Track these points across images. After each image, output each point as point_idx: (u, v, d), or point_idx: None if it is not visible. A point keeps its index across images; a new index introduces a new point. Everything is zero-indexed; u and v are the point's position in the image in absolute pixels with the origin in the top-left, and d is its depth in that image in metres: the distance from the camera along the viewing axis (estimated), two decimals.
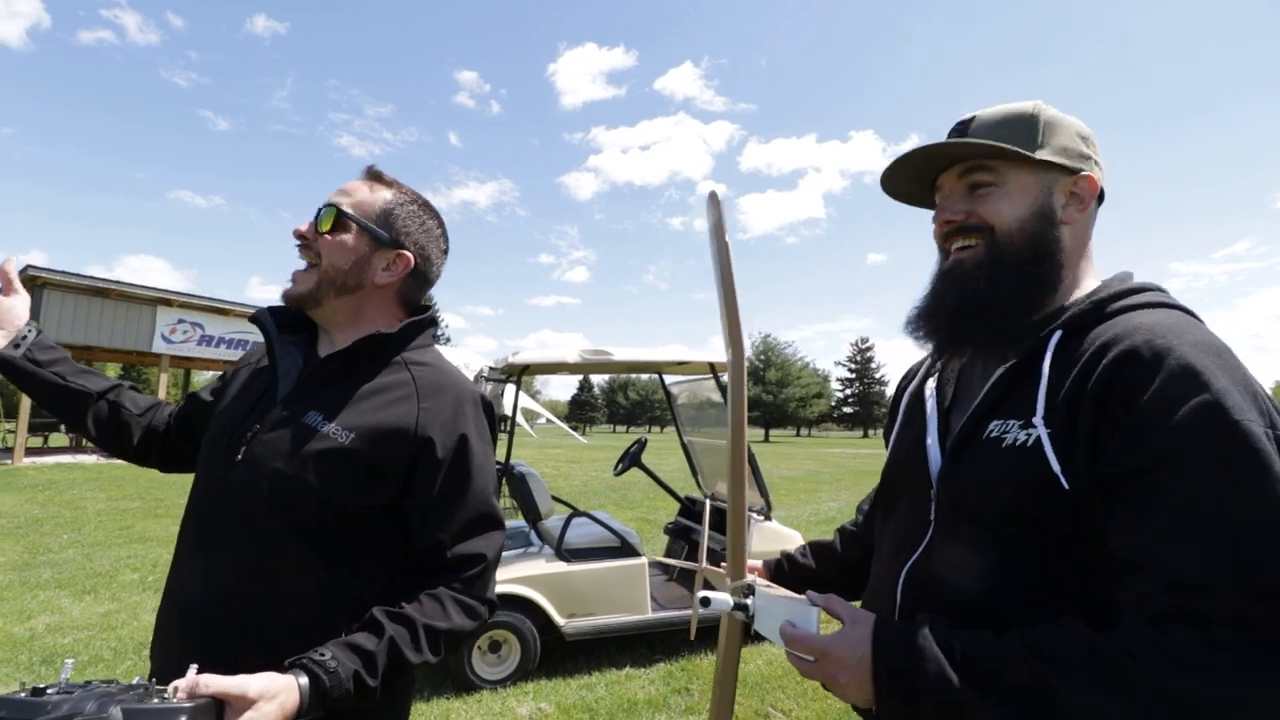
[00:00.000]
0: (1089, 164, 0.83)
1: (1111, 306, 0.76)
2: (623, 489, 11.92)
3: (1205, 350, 0.66)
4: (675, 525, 4.89)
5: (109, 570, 5.56)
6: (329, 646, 0.89)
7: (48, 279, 13.58)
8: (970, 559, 0.77)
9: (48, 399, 1.12)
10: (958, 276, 0.84)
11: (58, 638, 4.00)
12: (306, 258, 1.08)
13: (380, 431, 0.99)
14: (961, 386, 0.91)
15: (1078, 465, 0.68)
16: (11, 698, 0.69)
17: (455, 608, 0.99)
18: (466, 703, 3.25)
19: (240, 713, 0.76)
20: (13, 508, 8.35)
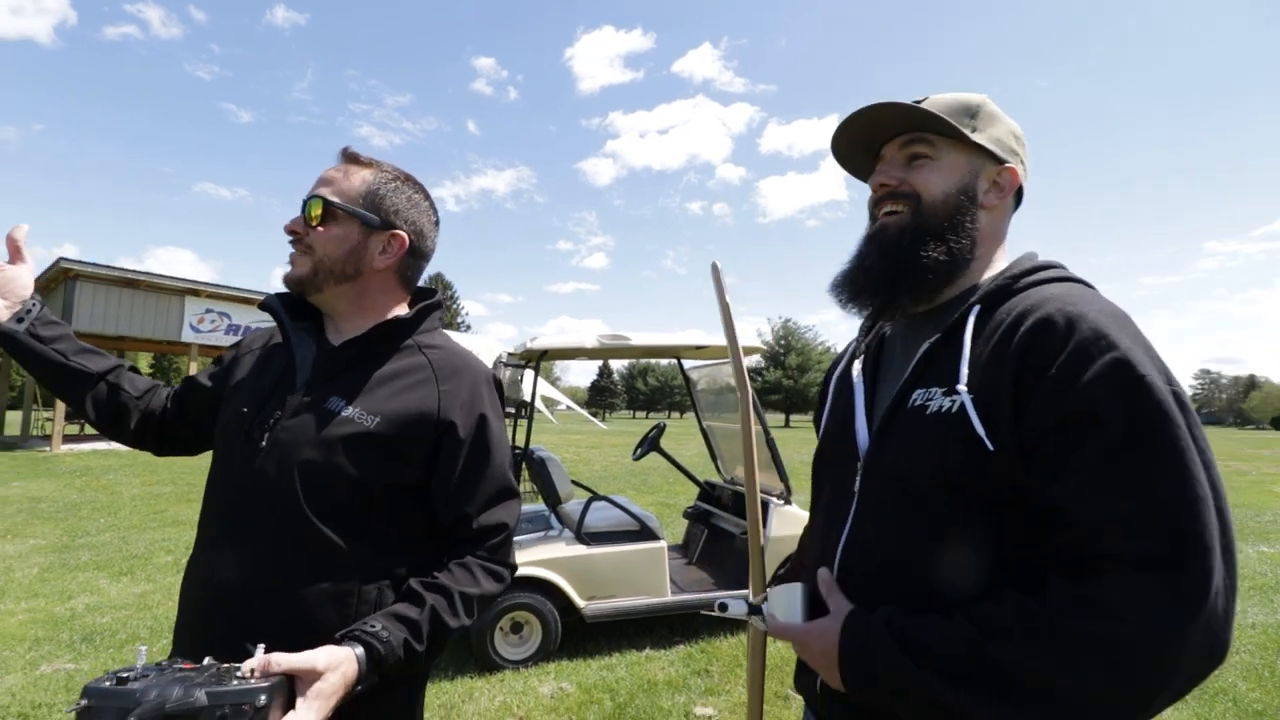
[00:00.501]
0: (1015, 160, 0.90)
1: (1022, 281, 0.82)
2: (642, 474, 11.98)
3: (1110, 316, 0.72)
4: (695, 510, 4.91)
5: (144, 552, 5.73)
6: (376, 618, 0.93)
7: (80, 271, 13.91)
8: (899, 528, 0.81)
9: (48, 377, 1.10)
10: (883, 240, 0.89)
11: (97, 617, 4.14)
12: (299, 250, 1.08)
13: (404, 415, 1.03)
14: (886, 365, 0.96)
15: (1000, 427, 0.72)
16: (99, 687, 0.71)
17: (484, 574, 1.05)
18: (490, 682, 3.31)
19: (310, 685, 0.81)
20: (52, 493, 8.63)
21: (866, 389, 0.94)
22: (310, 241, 1.06)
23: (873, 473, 0.86)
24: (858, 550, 0.86)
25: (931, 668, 0.70)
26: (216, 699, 0.71)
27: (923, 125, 0.88)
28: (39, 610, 4.23)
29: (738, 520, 4.32)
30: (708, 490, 4.94)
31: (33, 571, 5.05)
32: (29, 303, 1.09)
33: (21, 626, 3.93)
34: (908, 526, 0.80)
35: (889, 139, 0.92)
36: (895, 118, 0.89)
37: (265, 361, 1.14)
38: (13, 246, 1.09)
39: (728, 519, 4.46)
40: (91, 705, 0.70)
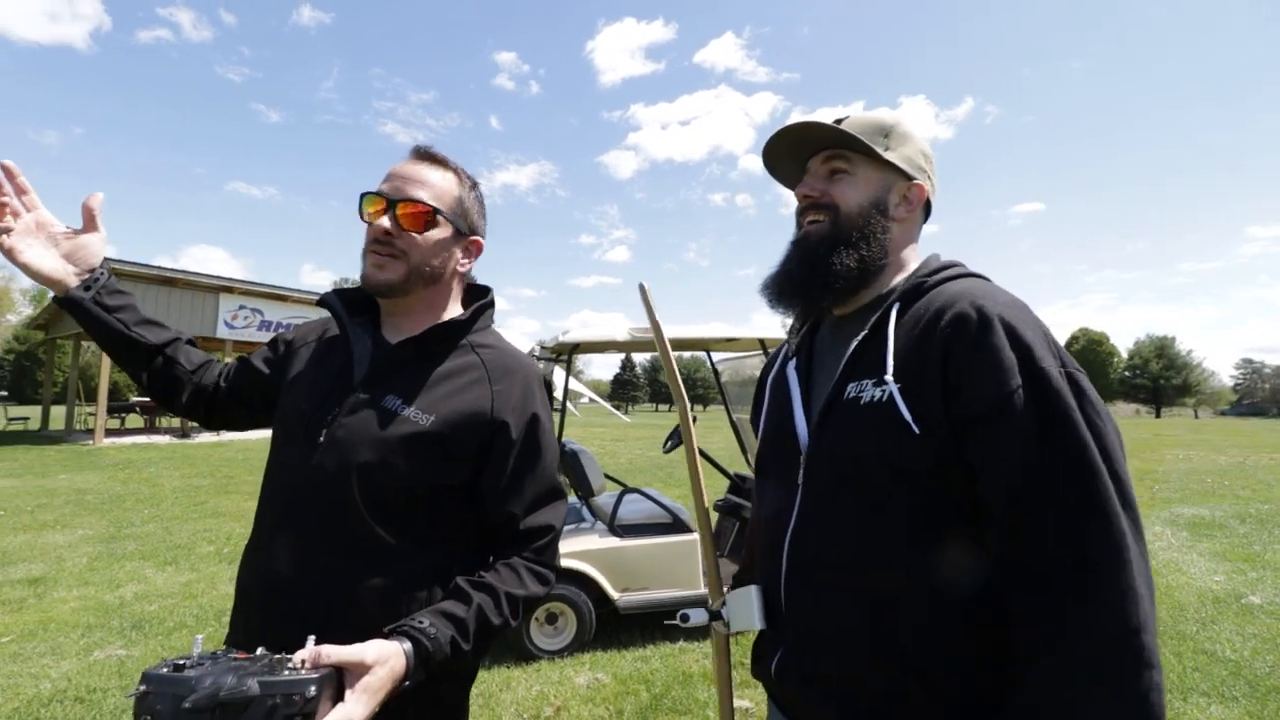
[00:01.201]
0: (924, 176, 0.99)
1: (931, 279, 0.92)
2: (669, 466, 11.99)
3: (1012, 308, 0.81)
4: (724, 502, 4.89)
5: (187, 543, 5.89)
6: (424, 615, 0.93)
7: (120, 270, 14.28)
8: (845, 514, 0.87)
9: (108, 344, 1.13)
10: (805, 246, 0.98)
11: (145, 605, 4.27)
12: (387, 253, 1.06)
13: (459, 415, 1.04)
14: (818, 363, 1.02)
15: (927, 412, 0.80)
16: (156, 673, 0.74)
17: (529, 575, 1.05)
18: (526, 671, 3.35)
19: (359, 678, 0.81)
20: (97, 485, 8.92)
21: (801, 387, 1.01)
22: (404, 246, 1.06)
23: (815, 464, 0.91)
24: (806, 541, 0.90)
25: None
26: (268, 688, 0.73)
27: (841, 143, 0.97)
28: (90, 598, 4.38)
29: None
30: (738, 483, 4.92)
31: (82, 561, 5.23)
32: (98, 271, 1.11)
33: (74, 614, 4.07)
34: (852, 512, 0.86)
35: (814, 153, 1.01)
36: (820, 135, 0.99)
37: (322, 356, 1.15)
38: (87, 214, 1.11)
39: None
40: (149, 691, 0.73)
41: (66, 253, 1.09)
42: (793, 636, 0.91)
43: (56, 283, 1.07)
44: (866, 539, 0.84)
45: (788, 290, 1.00)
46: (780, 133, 1.01)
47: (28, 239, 1.06)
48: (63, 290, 1.08)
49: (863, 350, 0.90)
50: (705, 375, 78.43)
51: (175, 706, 0.71)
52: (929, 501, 0.81)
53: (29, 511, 7.07)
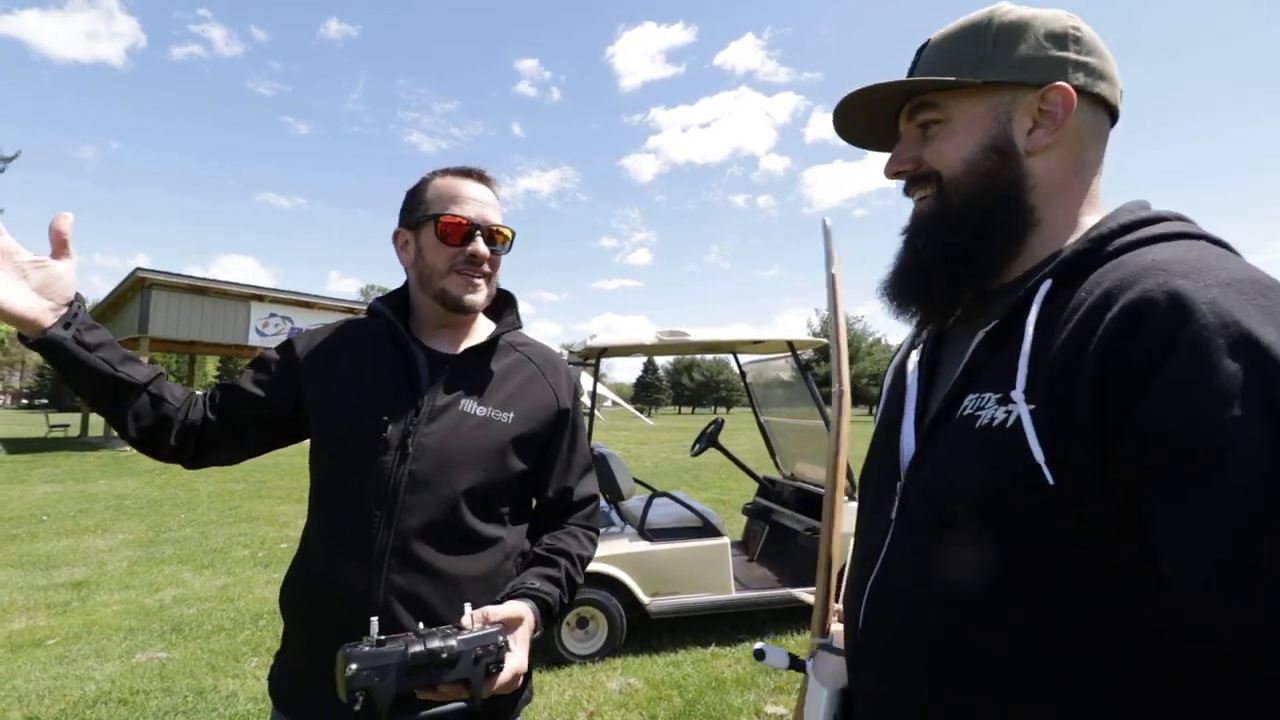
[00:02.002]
0: (1064, 70, 0.66)
1: (1115, 243, 0.60)
2: (695, 470, 11.94)
3: (1245, 291, 0.49)
4: (754, 506, 4.86)
5: (223, 547, 6.00)
6: (534, 578, 1.06)
7: (155, 280, 14.68)
8: (931, 572, 0.64)
9: (89, 388, 0.99)
10: (913, 236, 0.75)
11: (184, 608, 4.36)
12: (482, 277, 1.13)
13: (534, 409, 1.16)
14: (944, 359, 0.77)
15: (1070, 455, 0.53)
16: (360, 650, 0.80)
17: (586, 538, 1.20)
18: (558, 675, 3.35)
19: (515, 629, 0.95)
20: (135, 490, 9.14)
21: (920, 390, 0.77)
22: (491, 269, 1.15)
23: (909, 497, 0.69)
24: (885, 596, 0.69)
25: None
26: (467, 643, 0.85)
27: (918, 90, 0.71)
28: (131, 601, 4.48)
29: (799, 516, 4.25)
30: (767, 486, 4.88)
31: (123, 565, 5.35)
32: (75, 305, 0.97)
33: (116, 617, 4.17)
34: (941, 571, 0.63)
35: (896, 112, 0.76)
36: (873, 95, 0.73)
37: (367, 366, 1.12)
38: (57, 239, 0.95)
39: (789, 515, 4.40)
40: (360, 668, 0.79)
41: (38, 285, 0.93)
42: (862, 712, 0.76)
43: (30, 322, 0.92)
44: (951, 606, 0.62)
45: (904, 294, 0.76)
46: (844, 104, 0.75)
47: None
48: (37, 330, 0.93)
49: (990, 348, 0.65)
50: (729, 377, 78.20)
51: (391, 675, 0.79)
52: (1046, 574, 0.56)
53: (71, 516, 7.27)
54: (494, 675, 0.87)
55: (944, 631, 0.62)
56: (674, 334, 4.03)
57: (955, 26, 0.71)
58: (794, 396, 4.79)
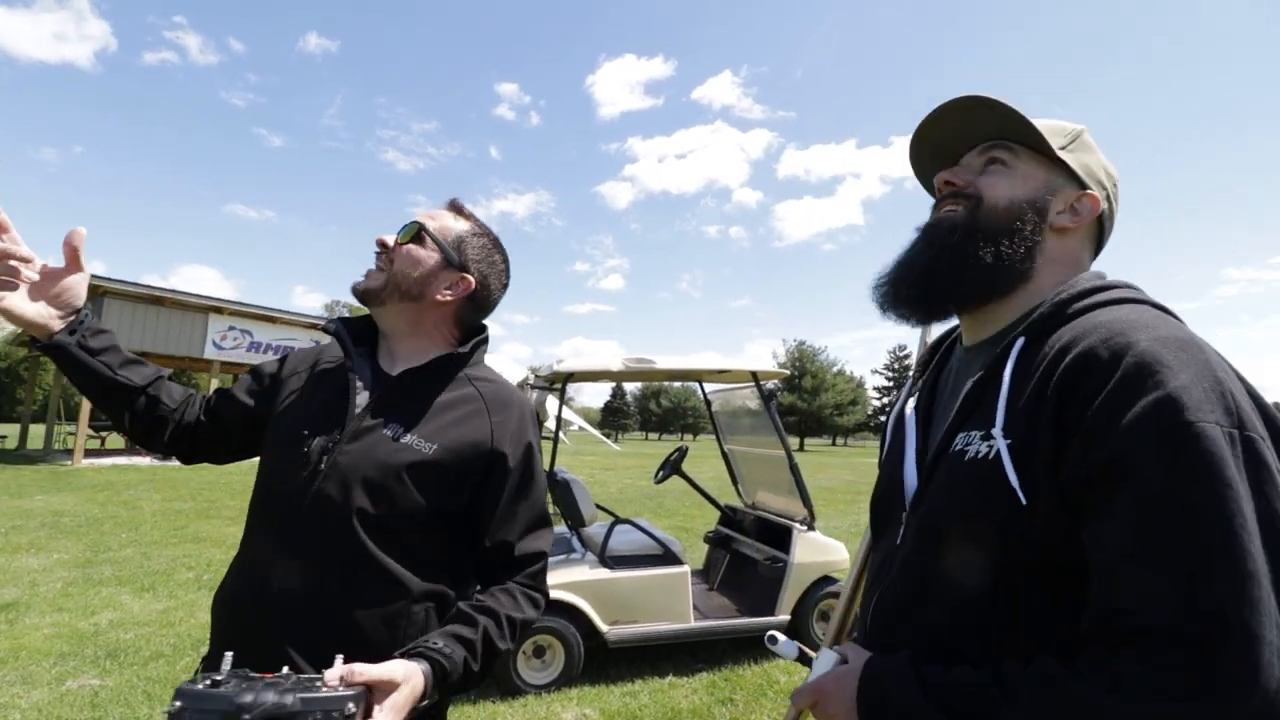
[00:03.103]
0: (1100, 191, 0.83)
1: (1074, 306, 0.74)
2: (659, 496, 11.91)
3: (1167, 345, 0.62)
4: (716, 534, 4.87)
5: (166, 569, 5.76)
6: (438, 636, 0.97)
7: (108, 288, 14.21)
8: (933, 589, 0.74)
9: (92, 389, 1.09)
10: (932, 231, 0.85)
11: (121, 633, 4.16)
12: (380, 264, 1.14)
13: (460, 444, 1.08)
14: (939, 404, 0.89)
15: (1037, 478, 0.65)
16: (193, 688, 0.74)
17: (525, 600, 1.10)
18: (512, 706, 3.28)
19: (387, 695, 0.85)
20: (74, 507, 8.72)
21: (919, 431, 0.88)
22: (393, 257, 1.14)
23: (912, 525, 0.80)
24: (889, 613, 0.80)
25: (948, 714, 0.64)
26: (309, 704, 0.75)
27: (1011, 132, 0.84)
28: (63, 625, 4.25)
29: (760, 546, 4.29)
30: (729, 515, 4.91)
31: (56, 586, 5.09)
32: (82, 313, 1.08)
33: (47, 641, 3.95)
34: (942, 588, 0.73)
35: (971, 146, 0.88)
36: (988, 119, 0.85)
37: (319, 384, 1.17)
38: (70, 252, 1.04)
39: (750, 544, 4.42)
40: (185, 708, 0.73)
41: (49, 294, 1.03)
42: None
43: (39, 327, 1.02)
44: (955, 621, 0.71)
45: (904, 279, 0.85)
46: (943, 109, 0.86)
47: (6, 281, 1.00)
48: (46, 335, 1.03)
49: (978, 394, 0.76)
50: (696, 404, 78.44)
51: (217, 718, 0.72)
52: (1033, 587, 0.66)
53: (2, 534, 6.88)
54: None
55: (942, 630, 0.73)
56: (640, 361, 4.07)
57: (1054, 121, 0.86)
58: (758, 426, 4.86)
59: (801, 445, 57.21)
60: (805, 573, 3.93)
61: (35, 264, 1.03)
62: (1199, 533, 0.55)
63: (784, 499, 4.43)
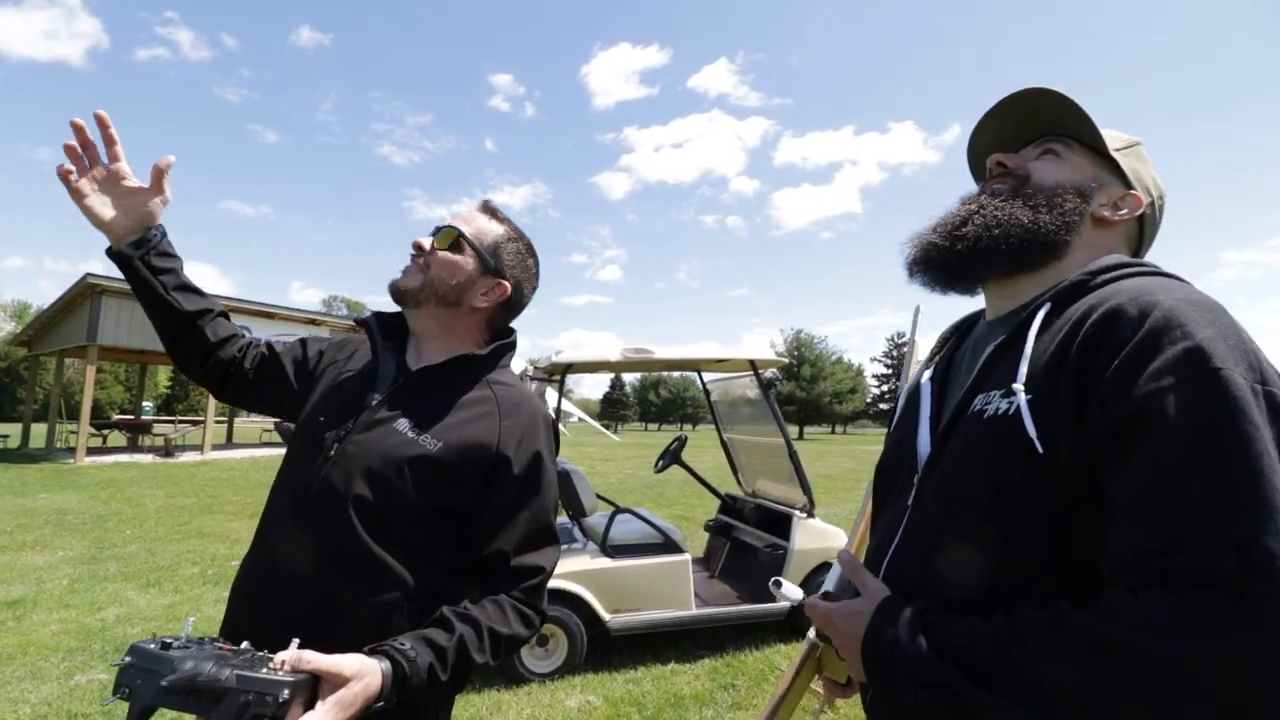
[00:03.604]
0: (1146, 197, 0.87)
1: (1099, 278, 0.76)
2: (659, 486, 11.96)
3: (1194, 304, 0.64)
4: (716, 523, 4.91)
5: (171, 564, 5.80)
6: (406, 638, 0.94)
7: (106, 287, 14.17)
8: (948, 544, 0.76)
9: (145, 302, 1.19)
10: (975, 200, 0.87)
11: (128, 628, 4.20)
12: (415, 265, 1.16)
13: (465, 444, 1.07)
14: (955, 373, 0.91)
15: (1057, 428, 0.66)
16: (143, 647, 0.76)
17: (515, 615, 1.05)
18: (516, 694, 3.32)
19: (335, 689, 0.82)
20: (78, 505, 8.76)
21: (934, 400, 0.90)
22: (429, 260, 1.15)
23: (925, 484, 0.81)
24: (902, 568, 0.82)
25: (955, 661, 0.65)
26: (244, 683, 0.74)
27: (1069, 127, 0.88)
28: (71, 621, 4.29)
29: (760, 534, 4.32)
30: (729, 503, 4.94)
31: (63, 583, 5.13)
32: (153, 231, 1.16)
33: (55, 637, 4.00)
34: (957, 542, 0.74)
35: (1028, 143, 0.92)
36: (1049, 115, 0.88)
37: (347, 375, 1.20)
38: (155, 175, 1.15)
39: (750, 532, 4.46)
40: (132, 664, 0.75)
41: (128, 207, 1.14)
42: None
43: (111, 233, 1.13)
44: (969, 574, 0.72)
45: (939, 234, 0.87)
46: (1015, 97, 0.90)
47: (95, 185, 1.12)
48: (116, 242, 1.14)
49: (999, 357, 0.78)
50: (695, 394, 78.55)
51: (154, 684, 0.72)
52: (1048, 540, 0.67)
53: (7, 532, 6.93)
54: None
55: (958, 589, 0.73)
56: (639, 351, 4.08)
57: (1113, 130, 0.89)
58: (756, 414, 4.88)
59: (801, 433, 57.36)
60: (805, 559, 3.97)
61: (129, 180, 1.14)
62: (1225, 470, 0.56)
63: (783, 487, 4.46)
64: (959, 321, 1.02)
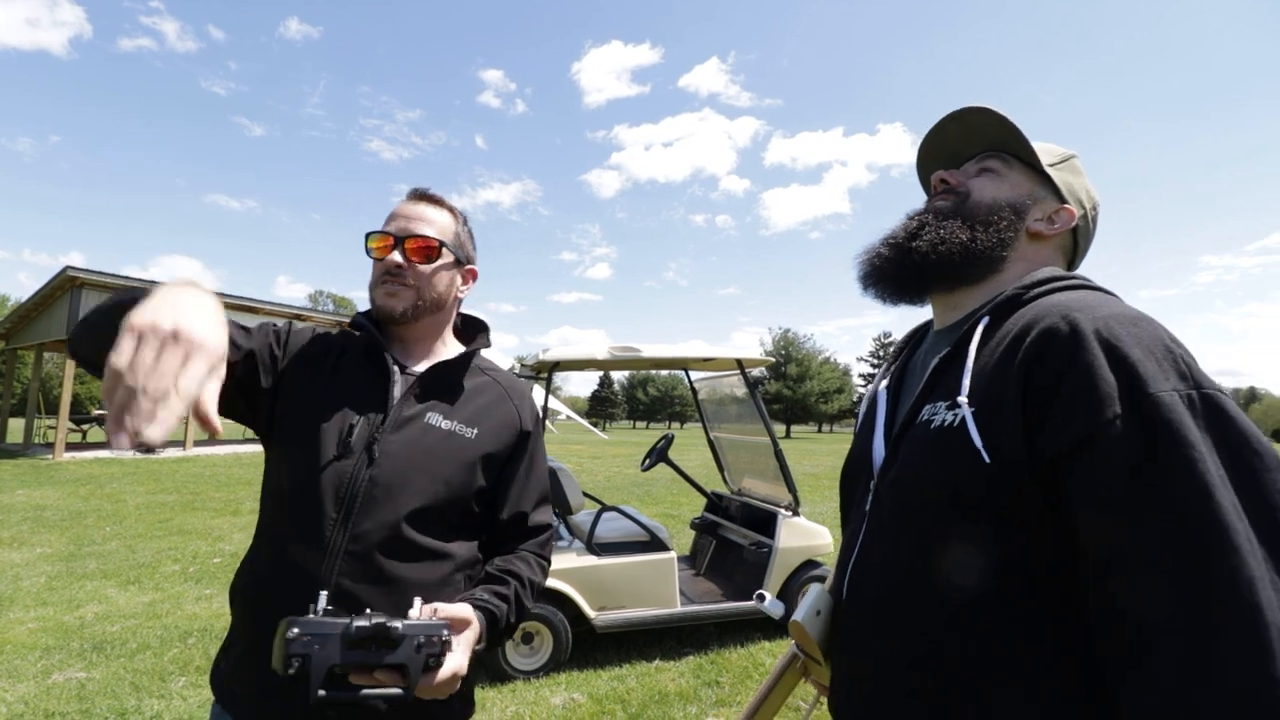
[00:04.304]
0: (1079, 210, 0.91)
1: (1033, 291, 0.80)
2: (646, 484, 11.97)
3: (1117, 321, 0.67)
4: (702, 521, 4.93)
5: (151, 561, 5.73)
6: (481, 591, 1.09)
7: (86, 280, 13.96)
8: (904, 547, 0.79)
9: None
10: (919, 217, 0.92)
11: (106, 626, 4.15)
12: (398, 283, 1.14)
13: (498, 427, 1.19)
14: (908, 382, 0.96)
15: (1003, 441, 0.69)
16: (303, 619, 0.82)
17: (538, 566, 1.22)
18: (501, 692, 3.32)
19: (460, 631, 0.96)
20: (56, 501, 8.63)
21: (888, 407, 0.95)
22: (412, 277, 1.15)
23: (881, 491, 0.85)
24: (862, 577, 0.86)
25: None
26: (410, 629, 0.85)
27: (1006, 144, 0.92)
28: (48, 619, 4.23)
29: (746, 532, 4.34)
30: (715, 501, 4.96)
31: (40, 580, 5.05)
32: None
33: (31, 635, 3.94)
34: (913, 546, 0.78)
35: (971, 156, 0.97)
36: (989, 131, 0.93)
37: (347, 374, 1.16)
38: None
39: (736, 530, 4.48)
40: (302, 633, 0.80)
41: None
42: (845, 678, 0.88)
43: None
44: (913, 579, 0.77)
45: (882, 249, 0.93)
46: (952, 117, 0.95)
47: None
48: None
49: (944, 369, 0.83)
50: (683, 393, 78.69)
51: (333, 645, 0.81)
52: (996, 541, 0.70)
53: None
54: (433, 670, 0.87)
55: (909, 586, 0.78)
56: (626, 350, 4.09)
57: (1048, 145, 0.94)
58: (743, 413, 4.91)
59: (788, 432, 57.58)
60: (790, 557, 3.99)
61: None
62: (1178, 500, 0.58)
63: (769, 485, 4.48)
64: (912, 331, 1.06)
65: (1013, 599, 0.69)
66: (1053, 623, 0.68)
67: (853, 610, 0.87)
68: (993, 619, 0.70)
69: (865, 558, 0.86)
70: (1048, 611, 0.68)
